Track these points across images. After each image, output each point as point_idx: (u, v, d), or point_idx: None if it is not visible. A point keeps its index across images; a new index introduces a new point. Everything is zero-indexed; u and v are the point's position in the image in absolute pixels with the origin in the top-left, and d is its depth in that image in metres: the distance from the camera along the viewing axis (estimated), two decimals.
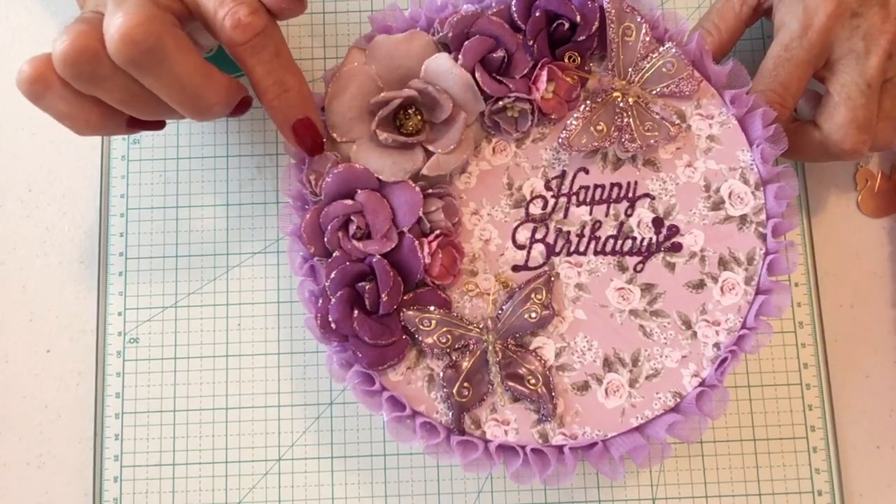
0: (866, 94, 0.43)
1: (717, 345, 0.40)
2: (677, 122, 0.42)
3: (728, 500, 0.46)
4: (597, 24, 0.42)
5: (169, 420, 0.47)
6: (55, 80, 0.36)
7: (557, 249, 0.42)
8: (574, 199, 0.42)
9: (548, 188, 0.43)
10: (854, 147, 0.43)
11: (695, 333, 0.41)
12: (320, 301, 0.40)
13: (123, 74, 0.35)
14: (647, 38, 0.42)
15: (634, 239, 0.42)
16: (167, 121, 0.41)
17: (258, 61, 0.36)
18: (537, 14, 0.41)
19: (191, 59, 0.35)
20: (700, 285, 0.41)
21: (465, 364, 0.40)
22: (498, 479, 0.46)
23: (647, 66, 0.42)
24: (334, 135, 0.41)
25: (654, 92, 0.42)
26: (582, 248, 0.42)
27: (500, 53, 0.41)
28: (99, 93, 0.36)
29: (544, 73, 0.42)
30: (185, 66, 0.35)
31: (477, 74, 0.41)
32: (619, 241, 0.42)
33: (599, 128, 0.42)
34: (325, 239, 0.40)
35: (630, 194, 0.42)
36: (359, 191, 0.40)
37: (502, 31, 0.41)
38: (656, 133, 0.42)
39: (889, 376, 0.48)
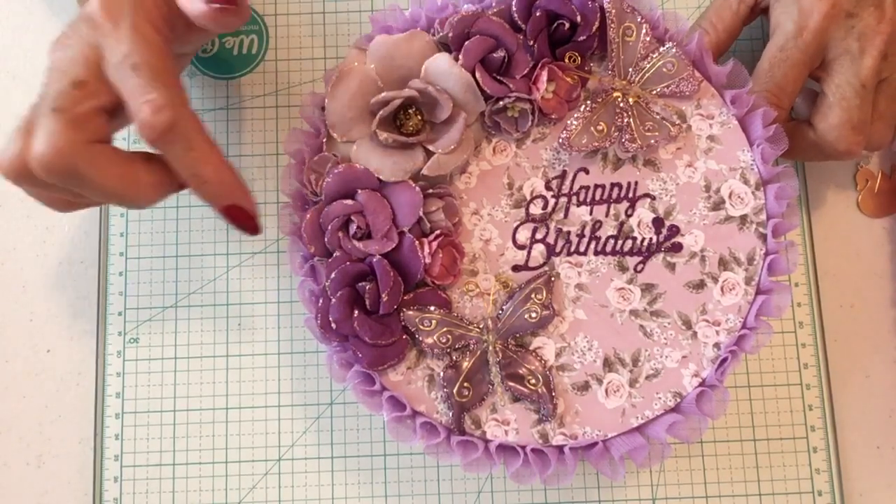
0: (861, 94, 0.43)
1: (717, 345, 0.40)
2: (677, 122, 0.42)
3: (728, 500, 0.46)
4: (597, 24, 0.42)
5: (169, 420, 0.47)
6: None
7: (558, 249, 0.42)
8: (574, 199, 0.42)
9: (548, 188, 0.43)
10: (848, 148, 0.43)
11: (695, 333, 0.41)
12: (320, 301, 0.40)
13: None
14: (648, 38, 0.42)
15: (635, 239, 0.42)
16: None
17: (171, 157, 0.36)
18: (537, 14, 0.41)
19: (111, 173, 0.36)
20: (700, 285, 0.41)
21: (466, 364, 0.40)
22: (498, 479, 0.46)
23: (648, 66, 0.42)
24: (334, 135, 0.41)
25: (654, 92, 0.42)
26: (582, 248, 0.42)
27: (500, 53, 0.41)
28: (51, 191, 0.38)
29: (544, 73, 0.42)
30: (107, 180, 0.36)
31: (477, 74, 0.41)
32: (620, 242, 0.42)
33: (600, 128, 0.42)
34: (326, 239, 0.40)
35: (630, 194, 0.42)
36: (359, 191, 0.40)
37: (502, 31, 0.41)
38: (656, 133, 0.42)
39: (889, 376, 0.48)
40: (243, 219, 0.39)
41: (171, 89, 0.36)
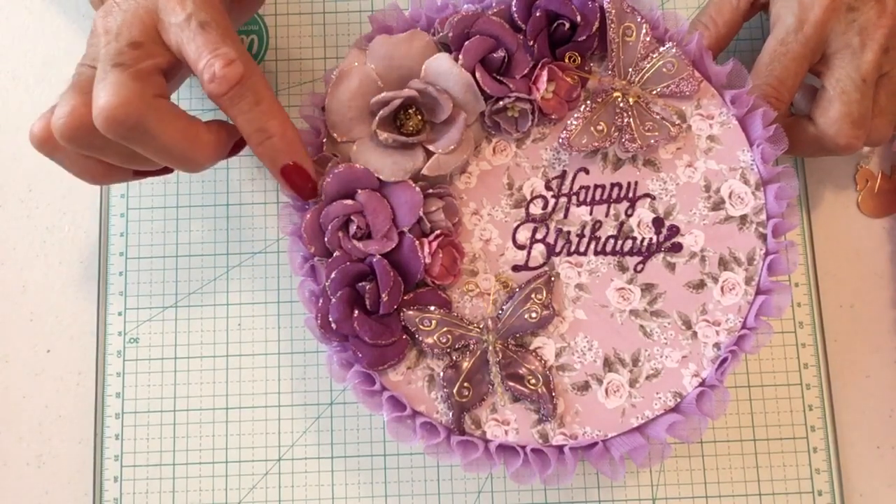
0: (861, 88, 0.43)
1: (717, 345, 0.40)
2: (677, 122, 0.42)
3: (728, 500, 0.46)
4: (597, 24, 0.42)
5: (169, 420, 0.47)
6: (59, 143, 0.37)
7: (558, 249, 0.42)
8: (574, 199, 0.42)
9: (548, 188, 0.43)
10: (848, 142, 0.43)
11: (695, 333, 0.41)
12: (320, 301, 0.40)
13: (116, 142, 0.36)
14: (648, 38, 0.42)
15: (635, 239, 0.42)
16: None
17: (238, 111, 0.37)
18: (537, 14, 0.41)
19: (175, 128, 0.36)
20: (700, 285, 0.41)
21: (466, 364, 0.40)
22: (498, 479, 0.46)
23: (648, 66, 0.42)
24: (334, 135, 0.41)
25: (654, 92, 0.42)
26: (582, 248, 0.42)
27: (500, 53, 0.41)
28: (99, 156, 0.37)
29: (544, 73, 0.42)
30: (170, 136, 0.36)
31: (477, 74, 0.41)
32: (620, 241, 0.42)
33: (600, 128, 0.42)
34: (326, 239, 0.40)
35: (630, 194, 0.42)
36: (359, 191, 0.40)
37: (502, 31, 0.41)
38: (656, 133, 0.42)
39: (889, 376, 0.48)
40: (301, 179, 0.39)
41: (237, 41, 0.36)
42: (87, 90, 0.36)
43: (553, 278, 0.41)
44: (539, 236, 0.42)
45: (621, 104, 0.42)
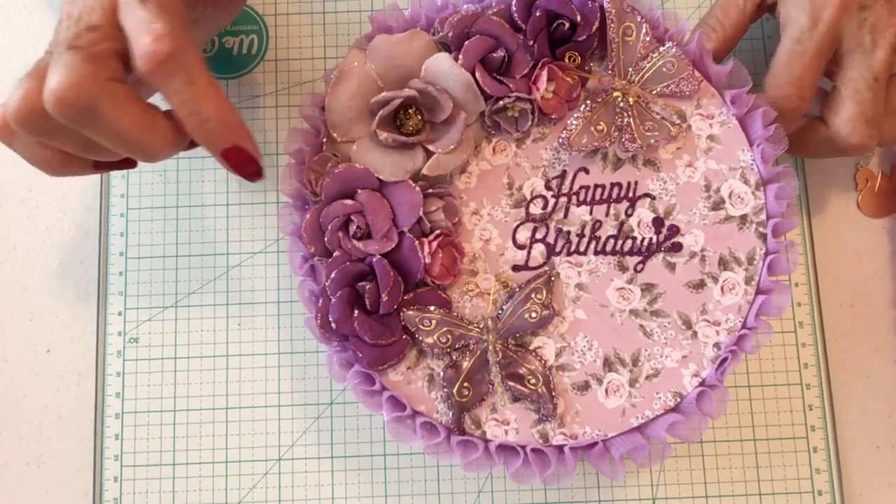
0: (873, 87, 0.42)
1: (717, 345, 0.40)
2: (677, 121, 0.42)
3: (728, 500, 0.46)
4: (597, 23, 0.42)
5: (169, 420, 0.47)
6: (14, 129, 0.36)
7: (558, 249, 0.42)
8: (574, 198, 0.42)
9: (548, 188, 0.43)
10: (862, 141, 0.43)
11: (695, 333, 0.41)
12: (320, 301, 0.40)
13: (70, 128, 0.35)
14: (648, 38, 0.42)
15: (635, 239, 0.42)
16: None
17: (170, 92, 0.35)
18: (537, 14, 0.41)
19: (129, 112, 0.35)
20: (700, 285, 0.41)
21: (466, 364, 0.40)
22: (498, 479, 0.46)
23: (648, 65, 0.42)
24: (334, 135, 0.41)
25: (654, 92, 0.42)
26: (582, 248, 0.42)
27: (500, 53, 0.41)
28: (54, 143, 0.37)
29: (544, 73, 0.42)
30: (124, 120, 0.35)
31: (477, 74, 0.41)
32: (620, 241, 0.42)
33: (600, 128, 0.42)
34: (326, 239, 0.40)
35: (630, 194, 0.42)
36: (359, 191, 0.40)
37: (502, 30, 0.41)
38: (656, 133, 0.42)
39: (889, 376, 0.48)
40: (244, 162, 0.37)
41: (176, 21, 0.35)
42: (44, 75, 0.35)
43: (553, 278, 0.41)
44: (539, 236, 0.42)
45: (621, 104, 0.42)
